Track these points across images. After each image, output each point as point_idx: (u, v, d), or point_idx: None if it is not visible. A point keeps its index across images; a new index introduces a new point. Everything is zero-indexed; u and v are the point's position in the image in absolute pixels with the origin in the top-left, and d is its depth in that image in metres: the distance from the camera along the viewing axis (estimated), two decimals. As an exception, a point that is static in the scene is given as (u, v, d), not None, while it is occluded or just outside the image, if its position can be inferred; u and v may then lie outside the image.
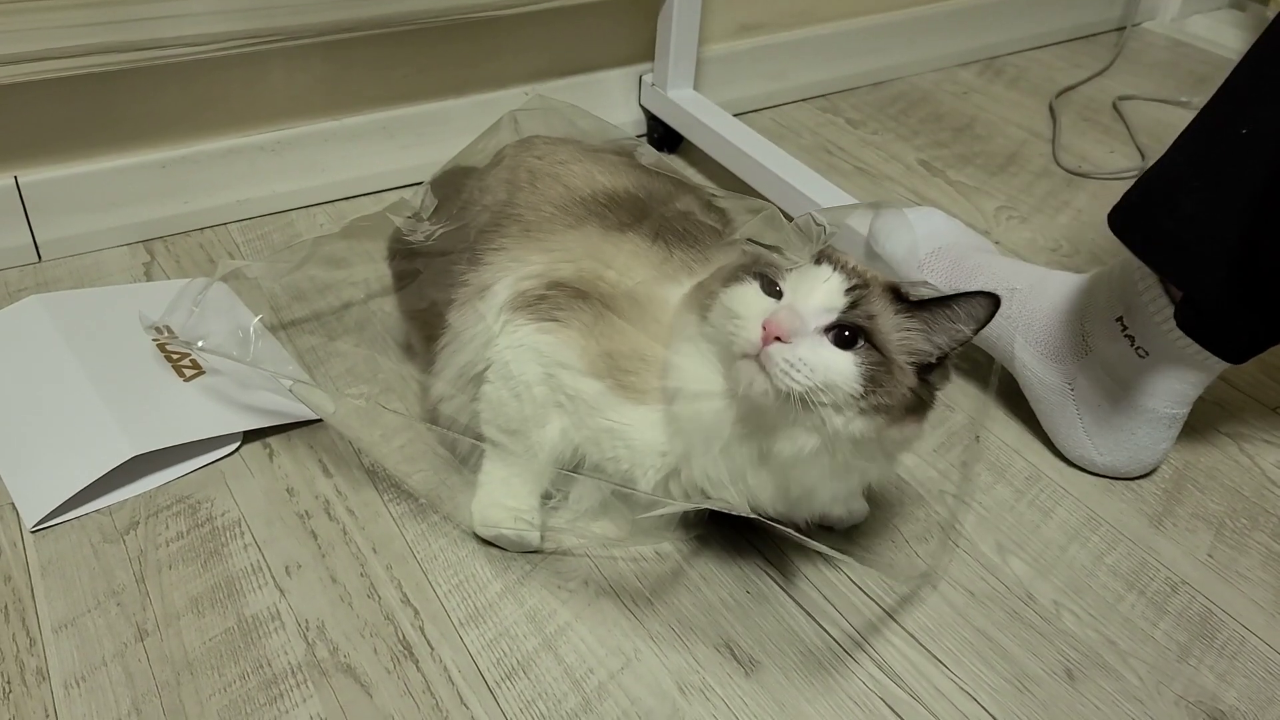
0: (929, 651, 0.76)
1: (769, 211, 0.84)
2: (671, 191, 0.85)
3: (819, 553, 0.75)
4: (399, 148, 1.26)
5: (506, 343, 0.77)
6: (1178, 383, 0.86)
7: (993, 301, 0.68)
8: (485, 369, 0.79)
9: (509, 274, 0.79)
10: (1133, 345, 0.86)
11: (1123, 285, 0.87)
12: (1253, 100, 0.78)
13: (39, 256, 1.11)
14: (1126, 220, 0.85)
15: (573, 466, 0.80)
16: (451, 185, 0.92)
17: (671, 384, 0.73)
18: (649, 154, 0.90)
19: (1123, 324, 0.87)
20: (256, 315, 0.95)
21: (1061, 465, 0.93)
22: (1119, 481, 0.92)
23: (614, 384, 0.75)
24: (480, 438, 0.82)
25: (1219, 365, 0.85)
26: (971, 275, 0.98)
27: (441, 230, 0.84)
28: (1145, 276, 0.86)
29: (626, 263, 0.78)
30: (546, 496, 0.82)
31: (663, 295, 0.77)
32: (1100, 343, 0.89)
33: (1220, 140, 0.80)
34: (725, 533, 0.84)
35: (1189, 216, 0.81)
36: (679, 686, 0.73)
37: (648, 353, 0.75)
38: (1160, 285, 0.85)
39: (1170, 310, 0.84)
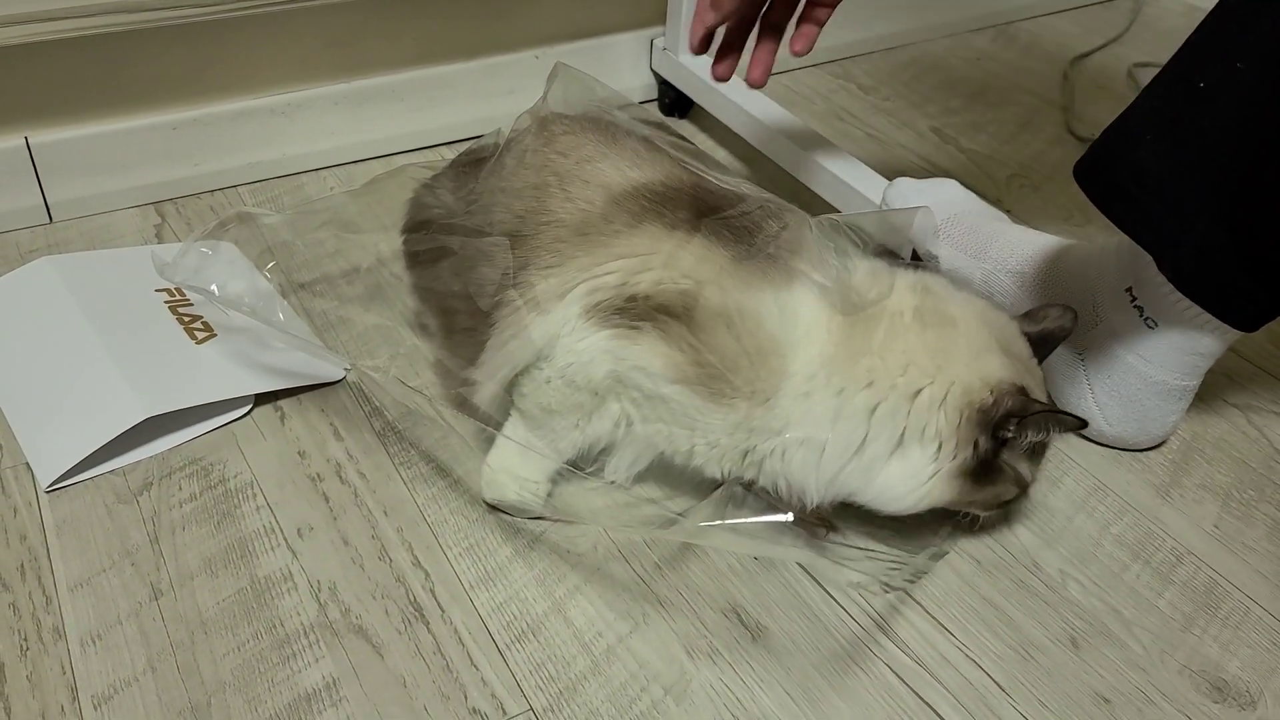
0: (935, 619, 0.77)
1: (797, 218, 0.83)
2: (706, 182, 0.82)
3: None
4: (408, 111, 1.25)
5: (579, 346, 0.75)
6: (1187, 354, 0.86)
7: None
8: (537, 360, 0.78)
9: (578, 283, 0.76)
10: (1142, 315, 0.86)
11: (1132, 255, 0.87)
12: (1213, 54, 0.77)
13: (50, 218, 1.11)
14: (1087, 170, 0.86)
15: (600, 450, 0.80)
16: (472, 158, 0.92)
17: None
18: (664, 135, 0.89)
19: (1132, 294, 0.87)
20: (267, 267, 0.94)
21: (1069, 436, 0.93)
22: (1126, 452, 0.92)
23: (703, 389, 0.74)
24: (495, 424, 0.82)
25: (1229, 334, 0.84)
26: (986, 244, 0.97)
27: (465, 214, 0.83)
28: None
29: (700, 268, 0.75)
30: (576, 466, 0.81)
31: (745, 305, 0.75)
32: (1110, 313, 0.88)
33: (1178, 93, 0.79)
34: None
35: (1143, 169, 0.81)
36: (686, 650, 0.73)
37: (738, 360, 0.74)
38: None
39: None
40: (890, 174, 1.10)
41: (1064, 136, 1.41)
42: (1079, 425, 0.75)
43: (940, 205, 1.02)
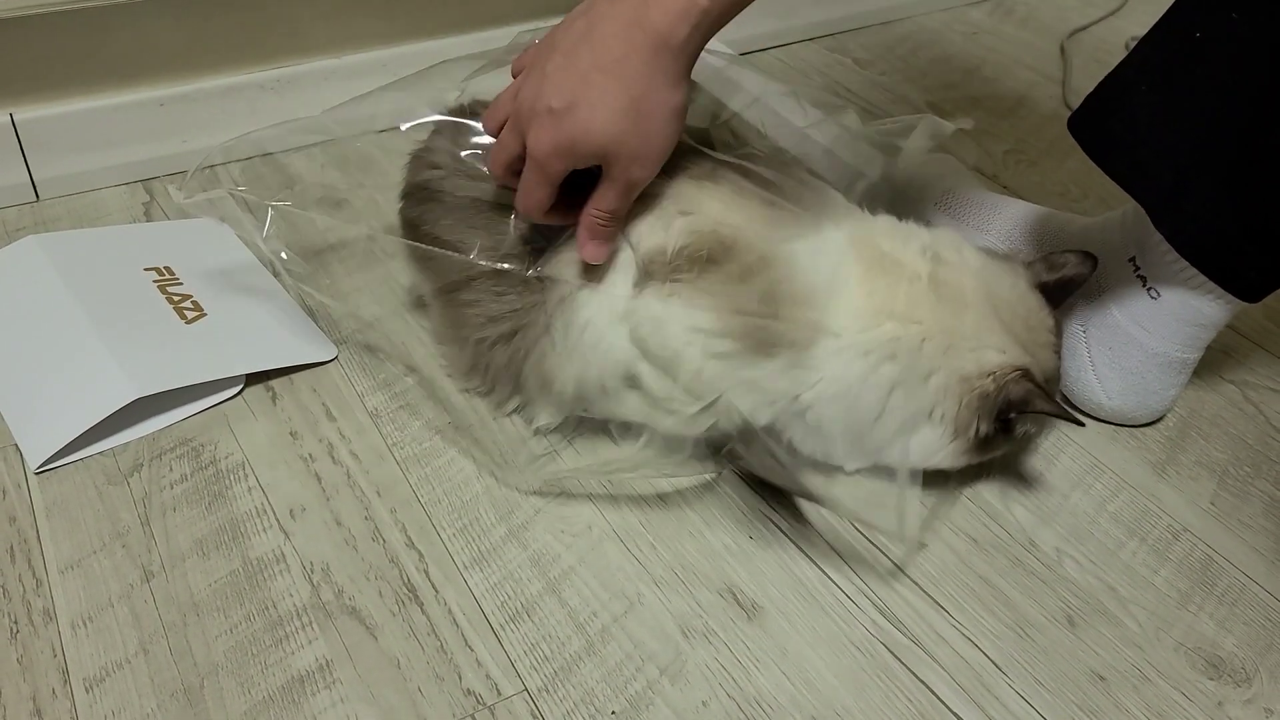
0: (931, 598, 0.77)
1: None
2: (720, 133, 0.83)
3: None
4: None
5: (648, 324, 0.75)
6: (1189, 325, 0.86)
7: None
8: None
9: (624, 249, 0.76)
10: (1145, 286, 0.86)
11: (1135, 224, 0.86)
12: (1209, 3, 0.77)
13: (36, 195, 1.10)
14: (1081, 121, 0.86)
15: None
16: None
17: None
18: None
19: (1135, 264, 0.87)
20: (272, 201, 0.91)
21: (1066, 413, 0.93)
22: (1123, 429, 0.92)
23: (748, 340, 0.74)
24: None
25: (1231, 304, 0.84)
26: (988, 218, 0.97)
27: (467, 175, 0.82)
28: None
29: (732, 215, 0.75)
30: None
31: (779, 251, 0.75)
32: (1113, 284, 0.88)
33: (1173, 43, 0.79)
34: (729, 477, 0.84)
35: (1136, 119, 0.81)
36: (682, 630, 0.73)
37: (777, 306, 0.74)
38: None
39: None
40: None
41: (1061, 111, 1.40)
42: (1076, 424, 0.78)
43: (940, 178, 1.01)
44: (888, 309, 0.76)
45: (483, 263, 0.78)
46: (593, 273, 0.76)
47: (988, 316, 0.78)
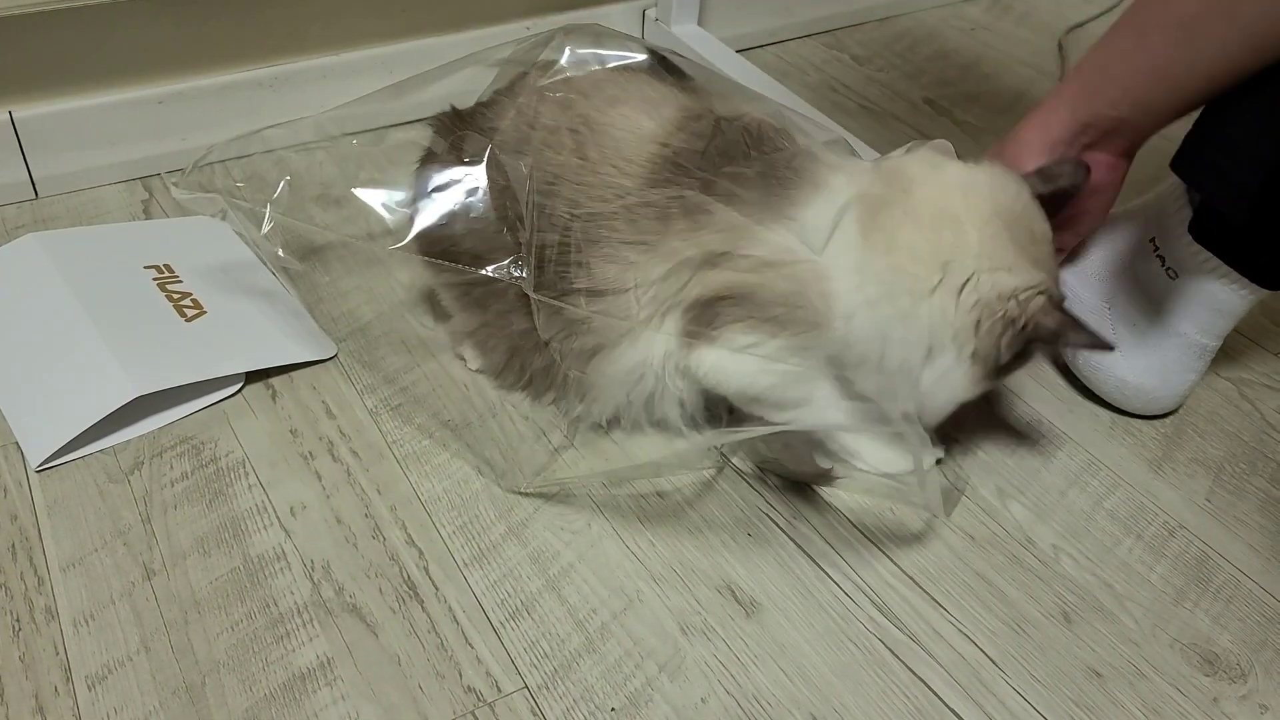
0: (928, 594, 0.77)
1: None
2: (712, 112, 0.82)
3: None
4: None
5: (705, 373, 0.79)
6: (1206, 309, 0.87)
7: None
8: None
9: (666, 301, 0.79)
10: (1163, 265, 0.87)
11: (1157, 206, 0.89)
12: None
13: (36, 193, 1.10)
14: (1186, 158, 0.81)
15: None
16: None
17: None
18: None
19: (1154, 244, 0.88)
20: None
21: (1063, 410, 0.93)
22: (1119, 426, 0.92)
23: (792, 339, 0.77)
24: None
25: (1248, 291, 0.85)
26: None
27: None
28: (1177, 196, 0.87)
29: (731, 239, 0.76)
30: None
31: (778, 245, 0.76)
32: (1135, 261, 0.90)
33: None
34: (728, 474, 0.84)
35: (1233, 141, 0.77)
36: (681, 627, 0.74)
37: (797, 297, 0.76)
38: (1187, 201, 0.86)
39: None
40: (885, 147, 1.09)
41: (1058, 108, 1.40)
42: (1108, 349, 0.83)
43: None
44: (881, 247, 0.74)
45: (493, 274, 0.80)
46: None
47: (993, 230, 0.75)
